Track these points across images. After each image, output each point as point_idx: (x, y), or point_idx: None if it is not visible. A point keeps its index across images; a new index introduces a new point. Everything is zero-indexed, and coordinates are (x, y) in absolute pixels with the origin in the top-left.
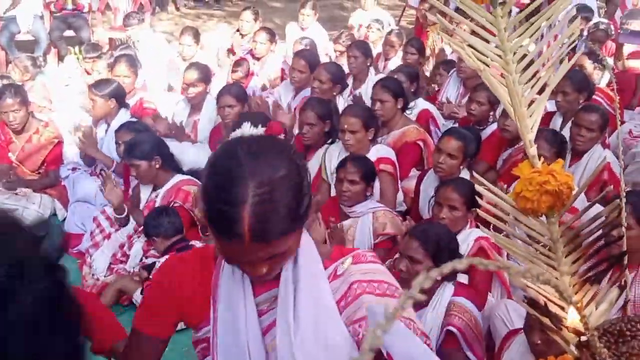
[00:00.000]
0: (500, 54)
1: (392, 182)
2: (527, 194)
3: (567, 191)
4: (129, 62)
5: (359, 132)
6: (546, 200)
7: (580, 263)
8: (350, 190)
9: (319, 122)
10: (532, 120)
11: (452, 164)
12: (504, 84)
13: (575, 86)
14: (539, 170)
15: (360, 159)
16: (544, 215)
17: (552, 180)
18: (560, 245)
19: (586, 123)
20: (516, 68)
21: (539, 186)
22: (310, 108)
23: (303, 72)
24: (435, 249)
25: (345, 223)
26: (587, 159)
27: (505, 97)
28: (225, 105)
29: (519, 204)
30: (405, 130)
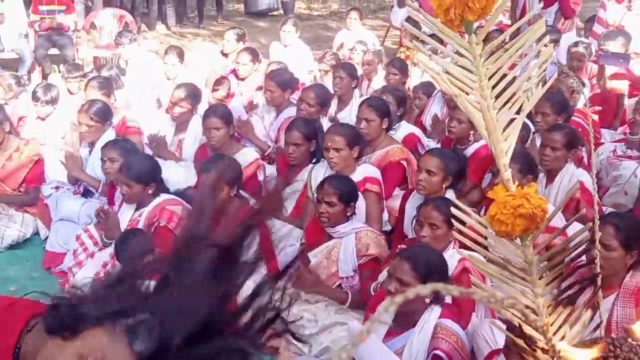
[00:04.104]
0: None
1: (378, 202)
2: (502, 217)
3: (541, 214)
4: (99, 85)
5: (343, 150)
6: (520, 224)
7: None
8: (329, 212)
9: (305, 141)
10: (507, 145)
11: (432, 181)
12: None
13: (554, 108)
14: (513, 194)
15: (339, 179)
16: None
17: (526, 203)
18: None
19: (550, 142)
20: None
21: (513, 209)
22: (295, 128)
23: (274, 92)
24: (425, 271)
25: (329, 243)
26: (561, 179)
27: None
28: (212, 128)
29: (493, 227)
30: (389, 149)
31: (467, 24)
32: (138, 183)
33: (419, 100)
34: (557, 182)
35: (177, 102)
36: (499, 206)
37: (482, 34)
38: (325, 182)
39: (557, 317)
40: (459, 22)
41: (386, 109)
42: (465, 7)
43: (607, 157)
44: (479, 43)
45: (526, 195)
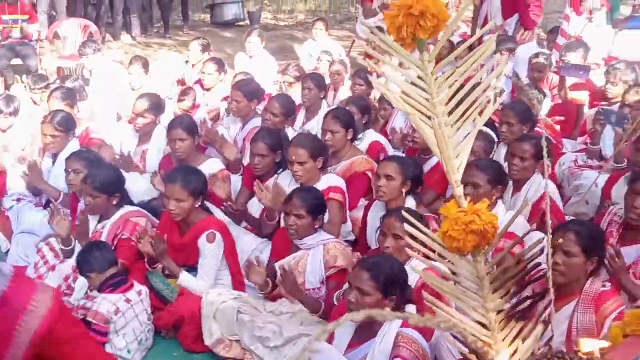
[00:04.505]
0: (428, 97)
1: (340, 211)
2: (454, 233)
3: (492, 230)
4: (63, 96)
5: (307, 162)
6: (472, 240)
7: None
8: (297, 224)
9: (270, 152)
10: (459, 161)
11: (392, 186)
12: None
13: (519, 117)
14: (465, 211)
15: (308, 192)
16: (471, 253)
17: (477, 220)
18: (486, 283)
19: (519, 152)
20: (444, 110)
21: (464, 226)
22: (261, 139)
23: (240, 102)
24: (385, 281)
25: (297, 255)
26: (527, 189)
27: (432, 139)
28: (177, 139)
29: (446, 243)
30: (354, 160)
31: (419, 42)
32: (102, 193)
33: (384, 111)
34: (524, 191)
35: (140, 113)
36: (450, 223)
37: (435, 51)
38: (293, 195)
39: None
40: (411, 41)
41: (351, 120)
42: (417, 26)
43: (569, 167)
44: (431, 61)
45: (477, 211)
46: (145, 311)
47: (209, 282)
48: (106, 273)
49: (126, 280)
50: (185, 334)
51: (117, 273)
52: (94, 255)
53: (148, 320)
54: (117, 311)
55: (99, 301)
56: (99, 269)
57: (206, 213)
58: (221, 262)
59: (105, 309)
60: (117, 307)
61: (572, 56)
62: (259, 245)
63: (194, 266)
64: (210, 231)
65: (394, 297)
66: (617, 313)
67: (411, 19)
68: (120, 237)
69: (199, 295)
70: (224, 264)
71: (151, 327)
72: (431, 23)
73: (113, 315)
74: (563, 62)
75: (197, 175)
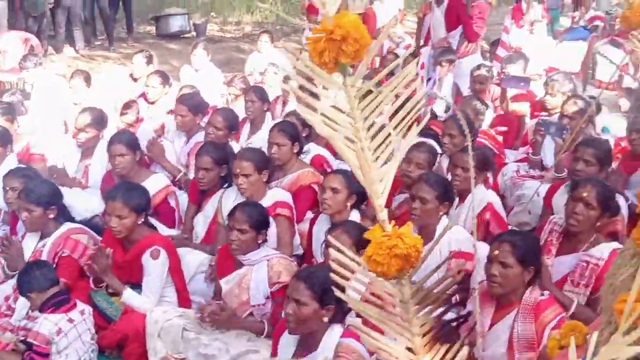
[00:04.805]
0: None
1: (289, 226)
2: (378, 257)
3: (415, 254)
4: (2, 111)
5: (252, 175)
6: (395, 264)
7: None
8: (240, 239)
9: (215, 166)
10: (383, 185)
11: (337, 199)
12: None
13: (461, 129)
14: (389, 235)
15: (251, 206)
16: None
17: (400, 243)
18: (410, 306)
19: (461, 163)
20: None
21: (388, 250)
22: (205, 153)
23: (184, 116)
24: (321, 290)
25: (240, 271)
26: (471, 199)
27: (355, 163)
28: (116, 154)
29: (370, 267)
30: (300, 173)
31: (341, 66)
32: (38, 206)
33: None
34: (467, 202)
35: (82, 127)
36: (375, 247)
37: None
38: (236, 210)
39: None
40: (333, 65)
41: (297, 132)
42: (339, 50)
43: (511, 177)
44: (353, 85)
45: (401, 235)
46: (88, 330)
47: (154, 299)
48: (47, 292)
49: (68, 299)
50: (130, 352)
51: (59, 292)
52: (34, 275)
53: (91, 339)
54: (59, 331)
55: (40, 321)
56: (40, 289)
57: (150, 229)
58: (166, 279)
59: (46, 329)
60: (59, 327)
61: (512, 68)
62: (204, 261)
63: (138, 283)
64: (154, 247)
65: (331, 306)
66: (555, 321)
67: (333, 44)
68: (61, 255)
69: (143, 313)
70: (169, 281)
71: (95, 347)
72: (353, 48)
73: (55, 336)
74: (504, 74)
75: (139, 191)
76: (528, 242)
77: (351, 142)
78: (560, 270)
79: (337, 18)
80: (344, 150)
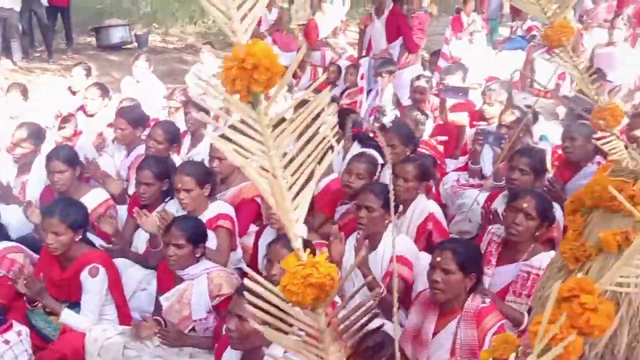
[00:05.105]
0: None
1: (229, 238)
2: (292, 287)
3: (330, 282)
4: None
5: (193, 190)
6: (311, 293)
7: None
8: (177, 254)
9: (156, 180)
10: (297, 214)
11: None
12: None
13: (402, 139)
14: (304, 263)
15: (187, 220)
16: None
17: (315, 272)
18: (327, 336)
19: (402, 173)
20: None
21: (302, 279)
22: (146, 167)
23: (124, 130)
24: None
25: (180, 287)
26: (412, 210)
27: (268, 191)
28: (55, 171)
29: (286, 297)
30: (243, 186)
31: (254, 95)
32: None
33: None
34: (409, 212)
35: (18, 142)
36: (289, 276)
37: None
38: (172, 224)
39: None
40: (246, 93)
41: None
42: (251, 79)
43: (452, 186)
44: (266, 113)
45: (316, 264)
46: (25, 352)
47: (93, 317)
48: None
49: (4, 320)
50: None
51: None
52: None
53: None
54: None
55: None
56: None
57: (88, 246)
58: (105, 296)
59: None
60: None
61: (451, 79)
62: (145, 277)
63: (77, 302)
64: (92, 265)
65: None
66: (496, 327)
67: (244, 72)
68: None
69: (82, 331)
70: (109, 298)
71: None
72: (265, 76)
73: None
74: (443, 85)
75: (77, 208)
76: (469, 250)
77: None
78: (500, 280)
79: (249, 46)
80: (257, 179)
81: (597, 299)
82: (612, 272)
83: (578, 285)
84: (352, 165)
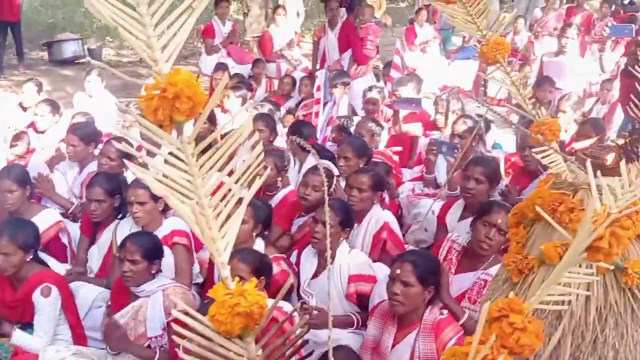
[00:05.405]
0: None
1: (187, 255)
2: (220, 317)
3: (259, 310)
4: None
5: (147, 203)
6: (239, 322)
7: None
8: (132, 270)
9: (108, 197)
10: (225, 242)
11: (243, 230)
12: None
13: (355, 152)
14: (231, 292)
15: (142, 236)
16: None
17: (242, 301)
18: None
19: (357, 184)
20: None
21: (230, 308)
22: (97, 184)
23: (76, 146)
24: None
25: (135, 304)
26: (368, 220)
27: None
28: (5, 191)
29: (214, 327)
30: None
31: (177, 124)
32: None
33: None
34: (364, 223)
35: None
36: (217, 306)
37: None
38: (127, 240)
39: None
40: (168, 123)
41: None
42: (173, 108)
43: (407, 195)
44: (190, 142)
45: (244, 292)
46: None
47: (46, 338)
48: None
49: None
50: None
51: None
52: None
53: None
54: None
55: None
56: None
57: (40, 266)
58: (59, 316)
59: None
60: None
61: (403, 90)
62: (100, 295)
63: (30, 322)
64: (44, 285)
65: None
66: (455, 339)
67: (166, 102)
68: None
69: (36, 352)
70: (62, 318)
71: None
72: (187, 105)
73: None
74: (395, 96)
75: (27, 228)
76: (428, 262)
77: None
78: (458, 287)
79: (170, 76)
80: (181, 209)
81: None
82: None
83: (507, 306)
84: (308, 177)
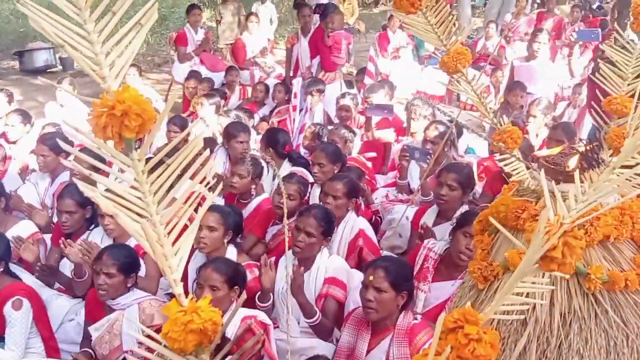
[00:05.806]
0: (141, 195)
1: (157, 265)
2: (173, 334)
3: (212, 327)
4: None
5: None
6: (192, 339)
7: None
8: (107, 284)
9: (79, 208)
10: (178, 259)
11: (213, 237)
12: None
13: (329, 158)
14: (184, 309)
15: (119, 249)
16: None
17: (196, 318)
18: None
19: (332, 191)
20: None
21: (183, 326)
22: (68, 195)
23: (47, 156)
24: None
25: (111, 317)
26: (343, 227)
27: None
28: None
29: (168, 344)
30: None
31: (126, 141)
32: None
33: None
34: (339, 230)
35: None
36: (171, 323)
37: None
38: (103, 253)
39: None
40: (118, 140)
41: None
42: (122, 125)
43: (381, 201)
44: (141, 159)
45: (197, 309)
46: None
47: (18, 351)
48: None
49: None
50: None
51: None
52: None
53: None
54: None
55: None
56: None
57: (11, 278)
58: (30, 329)
59: None
60: None
61: (375, 97)
62: (73, 307)
63: (1, 336)
64: (16, 298)
65: None
66: (428, 344)
67: (115, 119)
68: None
69: None
70: (34, 331)
71: None
72: (135, 122)
73: None
74: (367, 103)
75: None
76: (401, 268)
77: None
78: (436, 296)
79: (118, 93)
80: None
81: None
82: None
83: (462, 316)
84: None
